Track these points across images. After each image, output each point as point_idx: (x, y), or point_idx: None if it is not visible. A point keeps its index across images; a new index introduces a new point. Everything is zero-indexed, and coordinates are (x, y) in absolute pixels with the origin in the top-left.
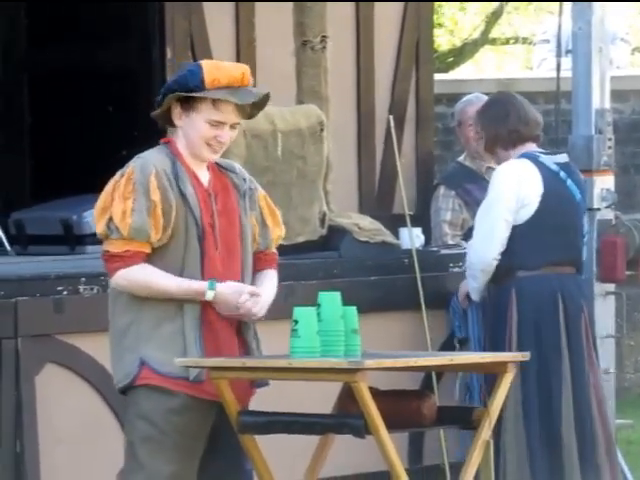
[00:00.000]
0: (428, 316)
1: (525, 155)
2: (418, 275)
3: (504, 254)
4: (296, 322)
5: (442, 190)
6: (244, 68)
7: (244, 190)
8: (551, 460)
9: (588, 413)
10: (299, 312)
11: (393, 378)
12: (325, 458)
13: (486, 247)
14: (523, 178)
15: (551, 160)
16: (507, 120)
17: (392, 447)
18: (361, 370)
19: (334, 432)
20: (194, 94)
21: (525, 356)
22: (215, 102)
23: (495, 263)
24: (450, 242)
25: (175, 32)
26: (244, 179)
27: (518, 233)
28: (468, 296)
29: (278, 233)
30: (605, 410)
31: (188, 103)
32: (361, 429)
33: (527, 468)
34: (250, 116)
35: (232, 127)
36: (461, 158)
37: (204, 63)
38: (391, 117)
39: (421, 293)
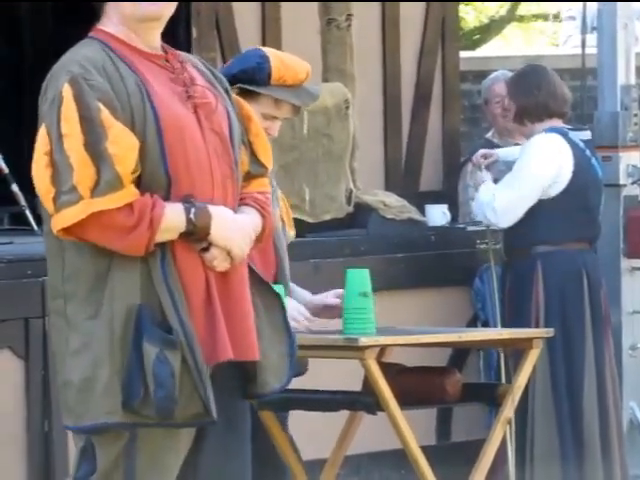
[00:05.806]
0: (454, 293)
1: (555, 130)
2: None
3: (527, 227)
4: None
5: (470, 167)
6: (307, 68)
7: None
8: (575, 435)
9: (605, 390)
10: None
11: (422, 355)
12: (353, 435)
13: (508, 217)
14: (558, 154)
15: (577, 137)
16: (537, 93)
17: (405, 423)
18: (369, 347)
19: (346, 409)
20: (259, 90)
21: (549, 332)
22: (277, 100)
23: None
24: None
25: (201, 12)
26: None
27: (546, 207)
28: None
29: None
30: (617, 389)
31: (248, 92)
32: (372, 406)
33: (556, 441)
34: (299, 111)
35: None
36: (489, 135)
37: (271, 56)
38: None
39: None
